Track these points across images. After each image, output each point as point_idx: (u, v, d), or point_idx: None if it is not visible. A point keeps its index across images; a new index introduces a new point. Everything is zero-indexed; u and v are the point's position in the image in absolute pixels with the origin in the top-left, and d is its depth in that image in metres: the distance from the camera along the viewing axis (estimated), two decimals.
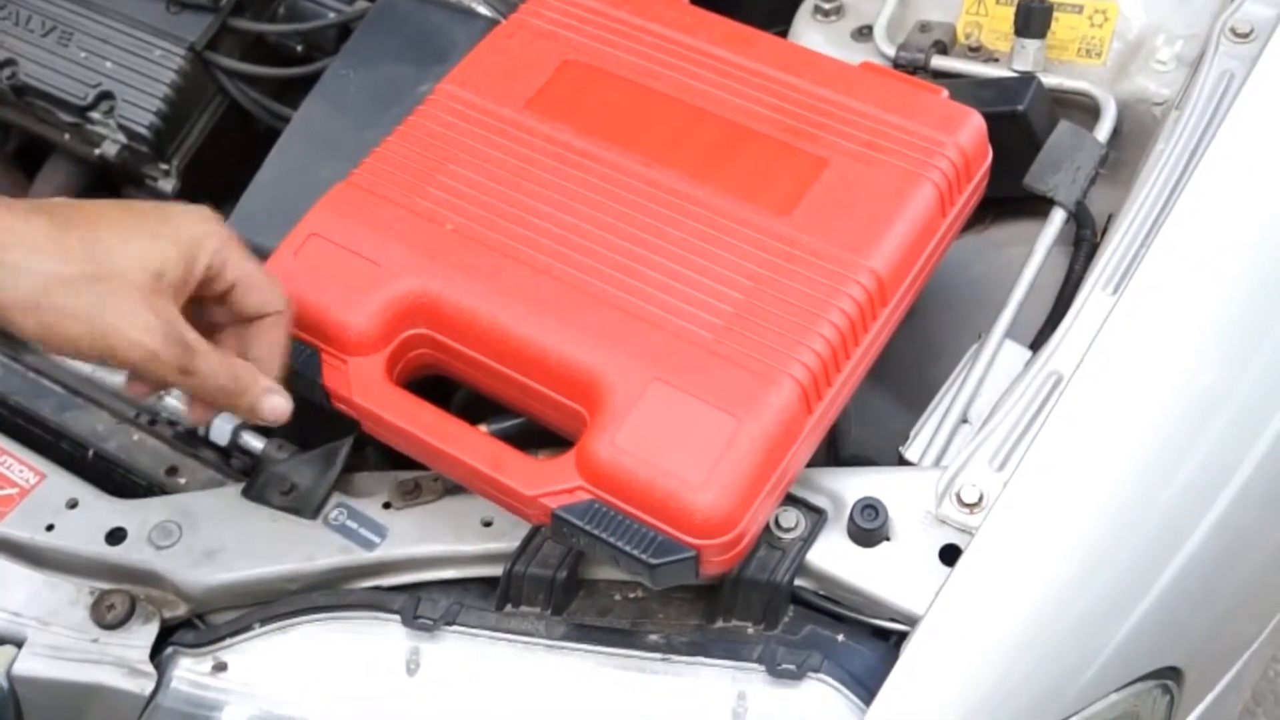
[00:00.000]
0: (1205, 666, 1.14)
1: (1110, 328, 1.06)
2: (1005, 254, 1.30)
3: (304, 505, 1.09)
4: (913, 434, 1.12)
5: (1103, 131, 1.21)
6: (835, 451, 1.27)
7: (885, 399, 1.34)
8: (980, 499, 1.02)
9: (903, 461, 1.11)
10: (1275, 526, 1.11)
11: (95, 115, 1.38)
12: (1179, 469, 1.03)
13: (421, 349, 1.06)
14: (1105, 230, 1.23)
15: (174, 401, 1.32)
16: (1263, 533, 1.10)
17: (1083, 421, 1.03)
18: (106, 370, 1.35)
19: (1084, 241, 1.22)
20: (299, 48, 1.45)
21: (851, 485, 1.05)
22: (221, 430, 1.29)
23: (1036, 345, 1.18)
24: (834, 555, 1.02)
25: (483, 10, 1.30)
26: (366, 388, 1.02)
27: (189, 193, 1.43)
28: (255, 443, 1.28)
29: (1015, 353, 1.14)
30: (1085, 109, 1.26)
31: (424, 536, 1.08)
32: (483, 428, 1.09)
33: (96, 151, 1.41)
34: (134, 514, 1.10)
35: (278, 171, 1.22)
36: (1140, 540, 1.02)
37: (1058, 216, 1.18)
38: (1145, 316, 1.06)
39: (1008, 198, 1.22)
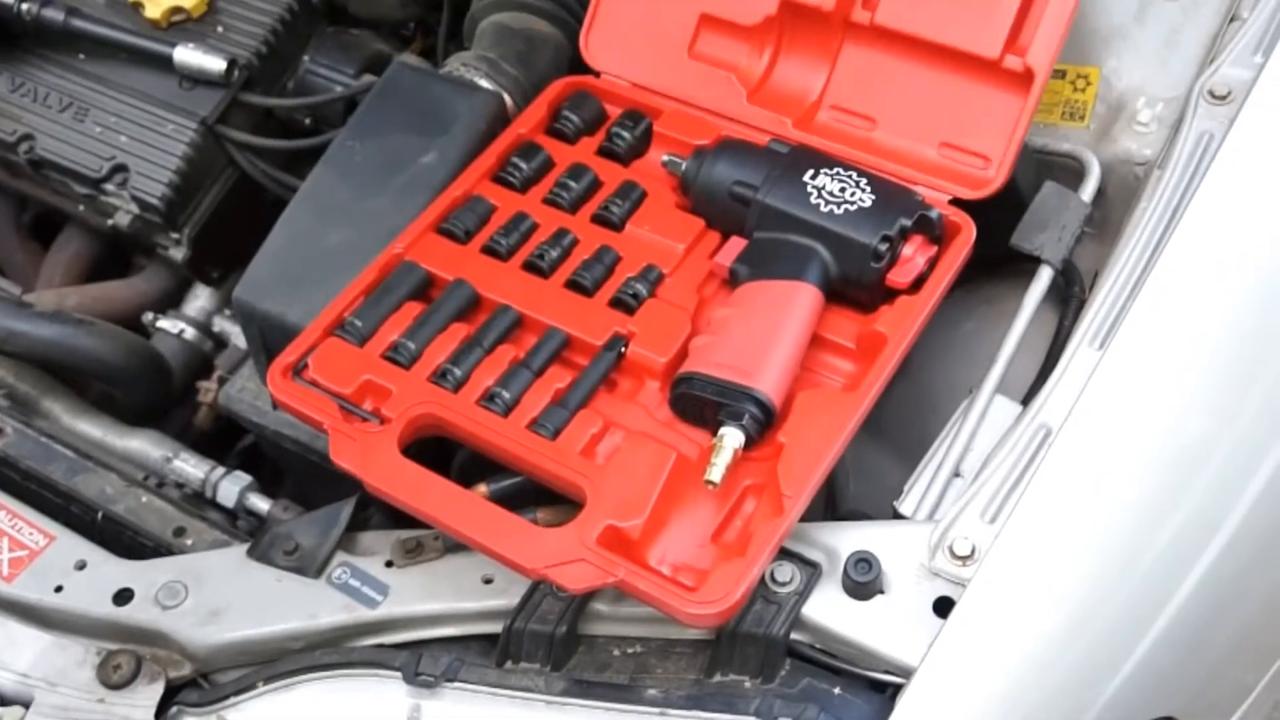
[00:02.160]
0: (1203, 716, 1.14)
1: (1096, 382, 1.08)
2: (997, 310, 1.32)
3: (308, 564, 1.11)
4: (906, 488, 1.14)
5: (1087, 191, 1.24)
6: (834, 507, 1.29)
7: (883, 454, 1.36)
8: (973, 551, 1.04)
9: (897, 516, 1.13)
10: (1266, 576, 1.12)
11: (109, 187, 1.42)
12: (1168, 518, 1.05)
13: (430, 422, 1.09)
14: (1093, 287, 1.26)
15: (182, 464, 1.35)
16: (1254, 581, 1.11)
17: (1071, 474, 1.05)
18: (116, 435, 1.38)
19: (1073, 298, 1.24)
20: (307, 121, 1.49)
21: (846, 539, 1.07)
22: (229, 492, 1.32)
23: (1029, 400, 1.20)
24: (829, 608, 1.04)
25: (483, 83, 1.34)
26: (377, 467, 1.05)
27: (199, 261, 1.47)
28: (261, 504, 1.31)
29: (1006, 407, 1.16)
30: (1071, 170, 1.29)
31: (425, 594, 1.09)
32: (481, 487, 1.11)
33: (109, 222, 1.44)
34: (141, 575, 1.12)
35: (285, 239, 1.25)
36: (1131, 590, 1.03)
37: (1045, 274, 1.20)
38: (1130, 371, 1.08)
39: (1000, 255, 1.24)
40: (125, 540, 1.21)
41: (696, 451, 1.07)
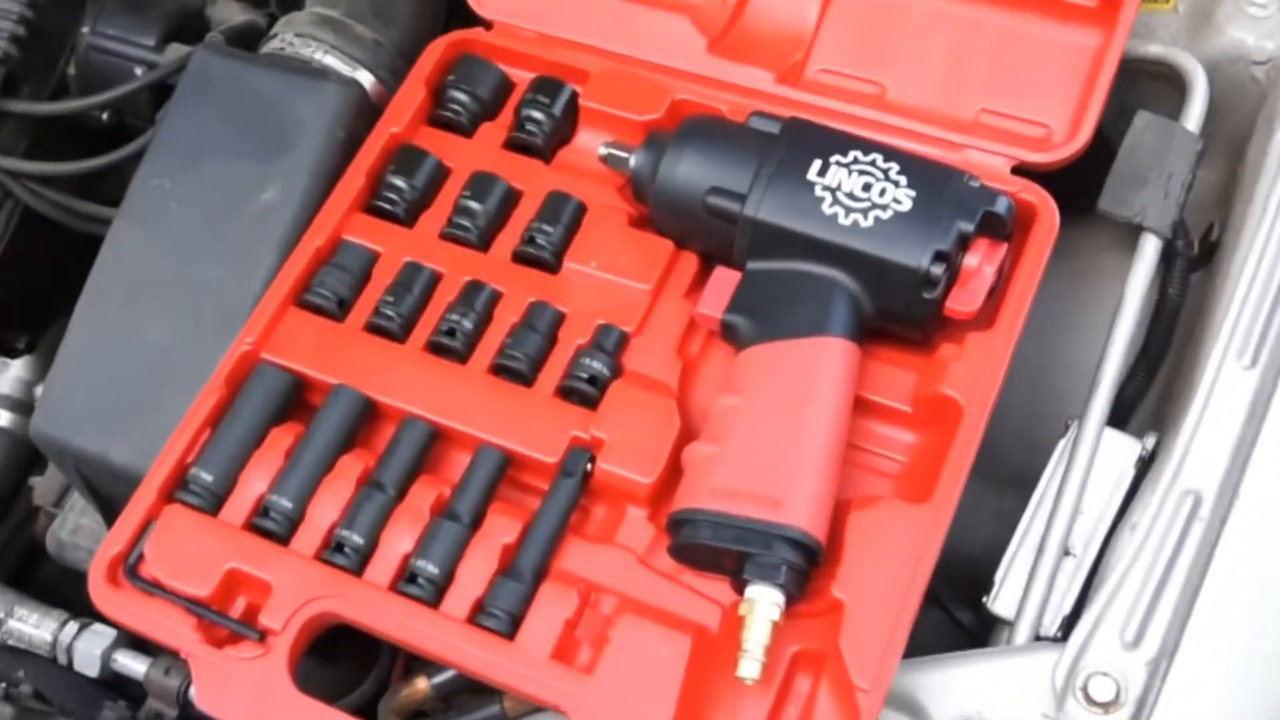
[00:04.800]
0: None
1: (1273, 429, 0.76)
2: (1073, 268, 0.99)
3: None
4: (998, 579, 0.84)
5: (1193, 117, 0.89)
6: None
7: None
8: (1117, 695, 0.75)
9: (987, 617, 0.83)
10: None
11: None
12: None
13: (331, 622, 0.77)
14: (1207, 241, 0.93)
15: (20, 625, 1.02)
16: None
17: (1258, 575, 0.75)
18: None
19: (1177, 256, 0.91)
20: (104, 117, 1.09)
21: (938, 687, 0.77)
22: (88, 655, 0.99)
23: (1124, 401, 0.90)
24: None
25: (330, 62, 0.95)
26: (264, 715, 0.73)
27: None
28: (135, 665, 0.98)
29: (1120, 447, 0.84)
30: (1161, 79, 0.93)
31: None
32: (421, 682, 0.81)
33: None
34: None
35: (87, 338, 0.89)
36: None
37: (1149, 248, 0.87)
38: None
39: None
40: None
41: (718, 617, 0.75)
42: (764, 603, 0.72)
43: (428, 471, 0.81)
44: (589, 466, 0.79)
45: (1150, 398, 0.96)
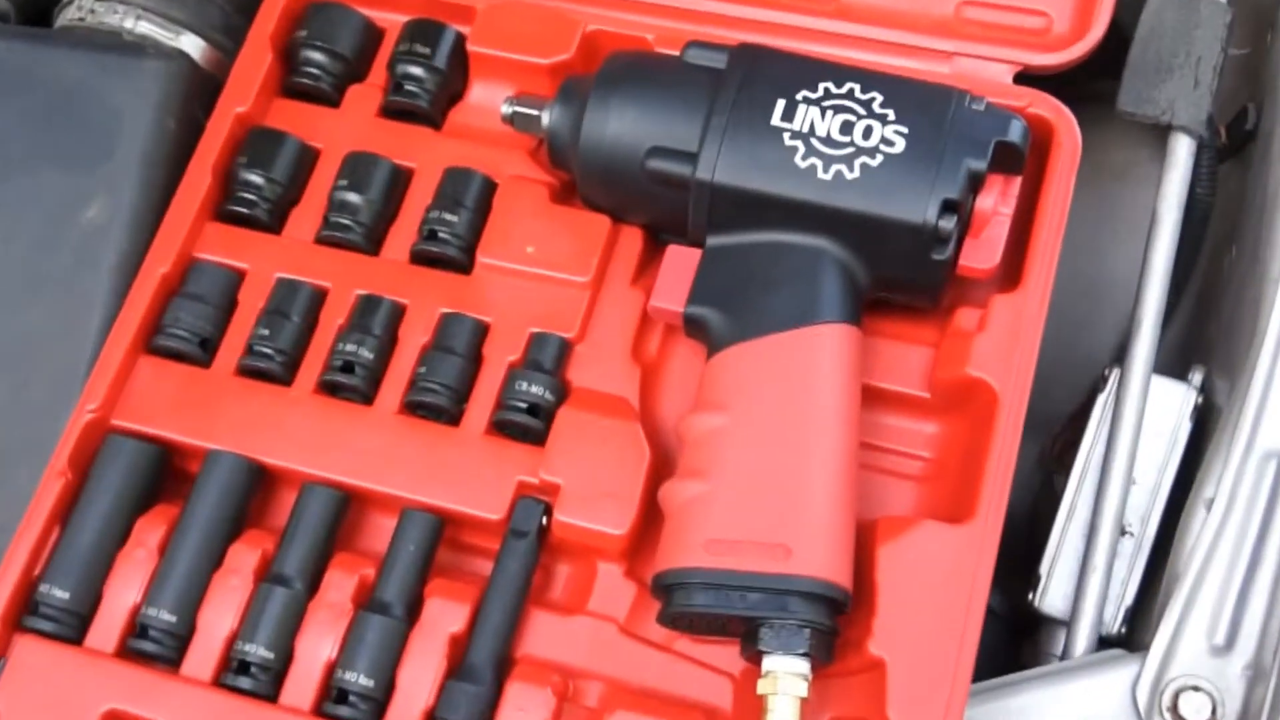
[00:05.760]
0: None
1: None
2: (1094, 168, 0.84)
3: None
4: (1043, 571, 0.70)
5: None
6: None
7: None
8: (1214, 712, 0.63)
9: (1033, 615, 0.70)
10: None
11: None
12: None
13: None
14: (1239, 127, 0.78)
15: None
16: None
17: None
18: None
19: (1205, 149, 0.76)
20: None
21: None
22: None
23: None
24: None
25: (151, 31, 0.75)
26: None
27: None
28: None
29: (1171, 396, 0.71)
30: None
31: None
32: None
33: None
34: None
35: None
36: None
37: (1182, 149, 0.72)
38: None
39: None
40: None
41: (730, 692, 0.61)
42: (788, 677, 0.57)
43: (343, 549, 0.64)
44: (545, 520, 0.63)
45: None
